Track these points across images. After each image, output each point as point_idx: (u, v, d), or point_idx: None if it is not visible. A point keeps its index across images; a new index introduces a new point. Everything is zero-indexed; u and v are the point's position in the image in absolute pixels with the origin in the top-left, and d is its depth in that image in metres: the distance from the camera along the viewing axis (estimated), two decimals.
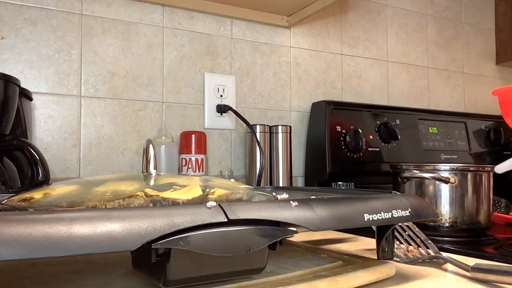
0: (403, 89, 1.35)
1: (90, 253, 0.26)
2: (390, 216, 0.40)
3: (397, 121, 1.16)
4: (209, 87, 1.03)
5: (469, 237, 0.72)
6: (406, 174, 0.76)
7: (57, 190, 0.43)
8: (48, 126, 0.87)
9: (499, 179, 0.78)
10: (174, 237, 0.30)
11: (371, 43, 1.29)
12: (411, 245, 0.55)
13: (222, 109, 1.03)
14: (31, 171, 0.62)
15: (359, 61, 1.27)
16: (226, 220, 0.32)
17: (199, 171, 0.92)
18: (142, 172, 0.52)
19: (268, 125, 1.03)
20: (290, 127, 1.04)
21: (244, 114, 1.03)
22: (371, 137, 1.10)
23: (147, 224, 0.29)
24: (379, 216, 0.39)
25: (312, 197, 0.41)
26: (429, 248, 0.54)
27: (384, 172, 1.04)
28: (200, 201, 0.39)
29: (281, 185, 1.02)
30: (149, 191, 0.40)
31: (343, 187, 0.97)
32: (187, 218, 0.31)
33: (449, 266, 0.51)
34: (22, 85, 0.71)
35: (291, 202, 0.37)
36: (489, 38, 1.57)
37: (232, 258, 0.36)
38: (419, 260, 0.52)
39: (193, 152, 0.92)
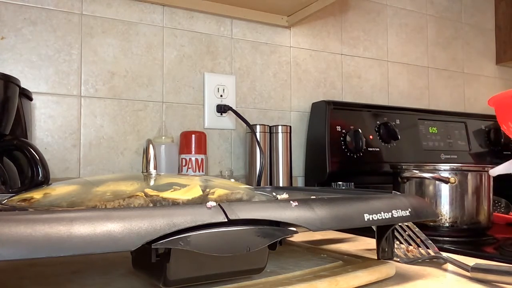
0: (403, 89, 1.35)
1: (90, 253, 0.26)
2: (390, 216, 0.40)
3: (397, 121, 1.16)
4: (209, 87, 1.03)
5: (469, 237, 0.72)
6: (406, 174, 0.76)
7: (57, 190, 0.43)
8: (48, 126, 0.87)
9: (499, 179, 0.78)
10: (174, 237, 0.30)
11: (371, 43, 1.29)
12: (411, 245, 0.55)
13: (222, 109, 1.03)
14: (31, 171, 0.61)
15: (359, 61, 1.27)
16: (226, 220, 0.32)
17: (199, 171, 0.92)
18: (142, 172, 0.52)
19: (268, 125, 1.03)
20: (290, 127, 1.04)
21: (244, 114, 1.03)
22: (371, 137, 1.10)
23: (147, 224, 0.29)
24: (379, 216, 0.39)
25: (312, 197, 0.41)
26: (429, 248, 0.54)
27: (384, 172, 1.04)
28: (200, 201, 0.39)
29: (281, 185, 1.02)
30: (149, 191, 0.40)
31: (343, 187, 0.97)
32: (187, 218, 0.31)
33: (449, 266, 0.51)
34: (22, 85, 0.70)
35: (291, 202, 0.37)
36: (489, 38, 1.57)
37: (232, 258, 0.36)
38: (419, 260, 0.52)
39: (193, 152, 0.92)
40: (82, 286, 0.38)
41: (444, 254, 0.52)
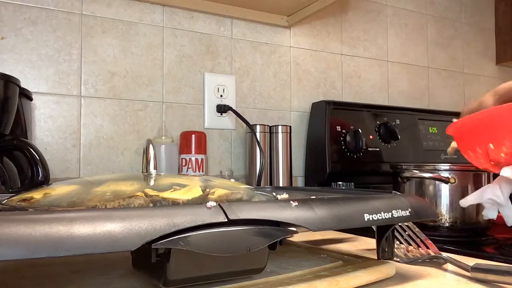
0: (403, 89, 1.35)
1: (90, 253, 0.26)
2: (390, 216, 0.40)
3: (397, 121, 1.16)
4: (209, 87, 1.03)
5: (469, 237, 0.72)
6: (406, 174, 0.76)
7: (57, 190, 0.43)
8: (48, 126, 0.87)
9: None
10: (174, 237, 0.30)
11: (371, 43, 1.29)
12: (411, 245, 0.55)
13: (222, 109, 1.03)
14: (31, 171, 0.62)
15: (359, 61, 1.27)
16: (226, 220, 0.32)
17: (199, 171, 0.92)
18: (142, 172, 0.52)
19: (268, 125, 1.03)
20: (290, 127, 1.04)
21: (244, 114, 1.03)
22: (371, 137, 1.10)
23: (147, 224, 0.29)
24: (379, 216, 0.39)
25: (312, 197, 0.41)
26: (429, 248, 0.54)
27: (384, 172, 1.04)
28: (200, 201, 0.39)
29: (281, 185, 1.02)
30: (149, 191, 0.40)
31: (343, 187, 0.97)
32: (187, 218, 0.31)
33: (449, 266, 0.51)
34: (22, 85, 0.70)
35: (291, 202, 0.37)
36: (489, 38, 1.57)
37: (232, 258, 0.36)
38: (419, 260, 0.52)
39: (193, 152, 0.92)
40: (82, 286, 0.38)
41: (444, 254, 0.52)
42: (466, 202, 0.60)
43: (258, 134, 1.00)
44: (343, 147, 1.06)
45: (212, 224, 0.32)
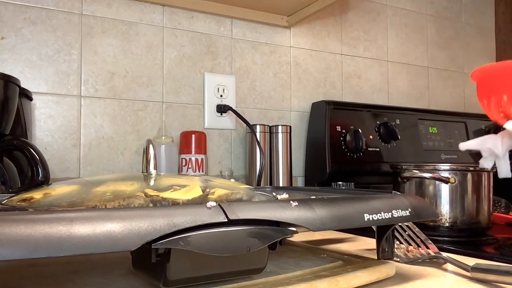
0: (403, 89, 1.35)
1: (90, 253, 0.26)
2: (390, 216, 0.40)
3: (397, 121, 1.16)
4: (209, 87, 1.03)
5: (469, 237, 0.72)
6: (406, 174, 0.76)
7: (57, 190, 0.43)
8: (48, 126, 0.87)
9: (499, 179, 0.78)
10: (174, 237, 0.30)
11: (371, 43, 1.29)
12: (411, 245, 0.55)
13: (222, 109, 1.03)
14: (31, 171, 0.61)
15: (359, 61, 1.27)
16: (226, 220, 0.32)
17: (199, 171, 0.92)
18: (142, 172, 0.52)
19: (268, 125, 1.03)
20: (290, 127, 1.04)
21: (244, 114, 1.03)
22: (371, 137, 1.10)
23: (147, 224, 0.29)
24: (379, 216, 0.39)
25: (312, 197, 0.41)
26: (429, 248, 0.54)
27: (384, 172, 1.04)
28: (200, 201, 0.39)
29: (281, 185, 1.02)
30: (149, 191, 0.40)
31: (343, 187, 0.97)
32: (187, 218, 0.31)
33: (449, 266, 0.51)
34: (22, 85, 0.70)
35: (291, 202, 0.37)
36: (489, 38, 1.57)
37: (232, 258, 0.36)
38: (419, 260, 0.52)
39: (193, 152, 0.92)
40: (82, 286, 0.38)
41: (444, 254, 0.52)
42: (465, 145, 0.60)
43: (258, 134, 1.00)
44: (343, 147, 1.06)
45: (212, 224, 0.32)
